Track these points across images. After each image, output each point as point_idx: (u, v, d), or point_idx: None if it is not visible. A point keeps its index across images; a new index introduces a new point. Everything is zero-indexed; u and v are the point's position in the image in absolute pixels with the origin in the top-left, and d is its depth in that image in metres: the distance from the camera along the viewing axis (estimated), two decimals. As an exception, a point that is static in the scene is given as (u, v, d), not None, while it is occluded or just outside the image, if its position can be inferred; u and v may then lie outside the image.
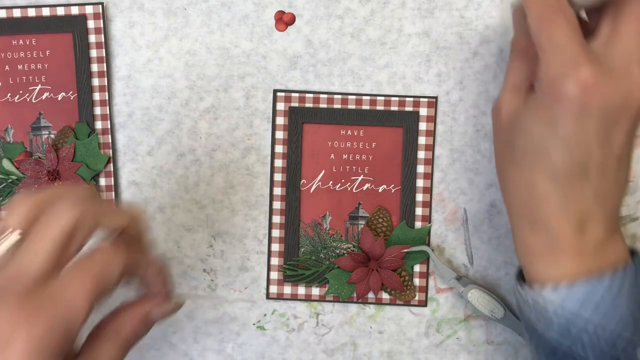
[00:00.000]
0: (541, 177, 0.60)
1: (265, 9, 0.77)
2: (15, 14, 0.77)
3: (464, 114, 0.77)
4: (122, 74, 0.78)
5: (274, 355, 0.78)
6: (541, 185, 0.60)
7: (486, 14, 0.77)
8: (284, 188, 0.77)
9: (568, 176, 0.58)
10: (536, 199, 0.60)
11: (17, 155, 0.77)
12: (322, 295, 0.77)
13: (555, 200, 0.59)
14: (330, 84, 0.77)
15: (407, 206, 0.77)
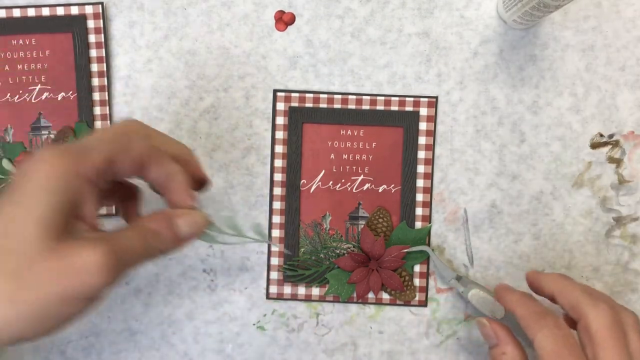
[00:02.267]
0: None
1: (265, 9, 0.77)
2: (15, 14, 0.77)
3: (464, 114, 0.77)
4: (122, 74, 0.78)
5: (274, 355, 0.78)
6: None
7: (486, 14, 0.77)
8: (284, 188, 0.77)
9: None
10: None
11: (17, 155, 0.77)
12: (322, 295, 0.77)
13: None
14: (330, 84, 0.77)
15: (407, 206, 0.77)
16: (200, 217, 0.60)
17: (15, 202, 0.49)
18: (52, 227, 0.48)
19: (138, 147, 0.55)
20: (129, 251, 0.53)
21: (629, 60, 0.77)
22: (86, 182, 0.51)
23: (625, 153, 0.77)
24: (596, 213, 0.77)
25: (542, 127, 0.77)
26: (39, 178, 0.49)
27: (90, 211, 0.52)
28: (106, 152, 0.53)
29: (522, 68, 0.77)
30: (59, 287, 0.48)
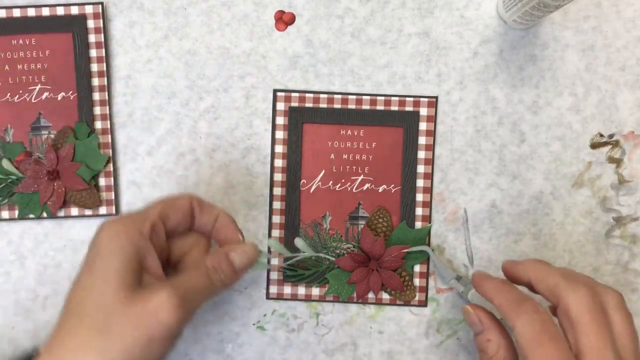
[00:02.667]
0: None
1: (265, 9, 0.77)
2: (15, 14, 0.77)
3: (464, 114, 0.77)
4: (122, 73, 0.78)
5: (274, 355, 0.78)
6: None
7: (486, 14, 0.77)
8: (284, 188, 0.77)
9: None
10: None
11: (17, 155, 0.77)
12: (322, 295, 0.77)
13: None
14: (330, 84, 0.77)
15: (407, 206, 0.77)
16: (250, 248, 0.66)
17: (92, 269, 0.58)
18: (126, 283, 0.57)
19: (184, 200, 0.66)
20: (194, 289, 0.60)
21: (629, 60, 0.77)
22: (146, 240, 0.60)
23: (625, 153, 0.77)
24: (596, 213, 0.77)
25: (542, 127, 0.77)
26: (107, 245, 0.58)
27: (154, 264, 0.61)
28: (158, 209, 0.63)
29: (522, 68, 0.77)
30: (141, 332, 0.55)
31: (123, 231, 0.59)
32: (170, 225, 0.64)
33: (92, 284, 0.58)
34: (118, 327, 0.55)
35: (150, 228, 0.61)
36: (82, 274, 0.59)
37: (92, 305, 0.57)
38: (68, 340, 0.56)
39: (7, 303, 0.78)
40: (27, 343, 0.78)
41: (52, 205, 0.76)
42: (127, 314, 0.55)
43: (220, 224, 0.68)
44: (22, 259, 0.78)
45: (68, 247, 0.78)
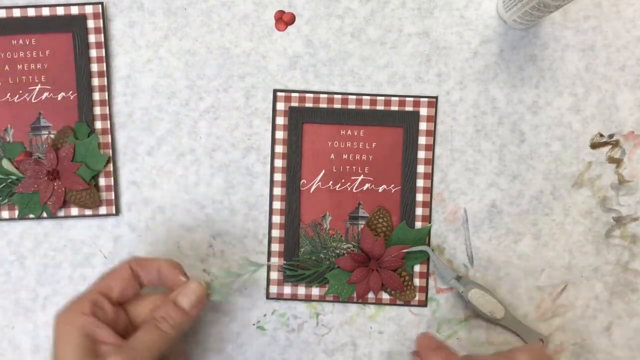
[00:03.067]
0: None
1: (265, 9, 0.77)
2: (15, 14, 0.77)
3: (464, 114, 0.77)
4: (122, 73, 0.78)
5: (274, 355, 0.78)
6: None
7: (486, 14, 0.77)
8: (284, 188, 0.77)
9: None
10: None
11: (17, 155, 0.77)
12: (322, 295, 0.77)
13: None
14: (330, 84, 0.77)
15: (407, 206, 0.77)
16: (194, 285, 0.69)
17: (53, 357, 0.63)
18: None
19: (122, 267, 0.68)
20: (146, 344, 0.64)
21: (629, 60, 0.77)
22: (89, 317, 0.64)
23: (625, 153, 0.77)
24: (596, 213, 0.77)
25: (542, 127, 0.77)
26: (58, 334, 0.64)
27: (106, 334, 0.64)
28: (97, 286, 0.67)
29: (522, 68, 0.77)
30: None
31: (67, 318, 0.64)
32: (117, 294, 0.68)
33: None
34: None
35: (90, 306, 0.65)
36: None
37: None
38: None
39: (7, 303, 0.78)
40: (27, 343, 0.78)
41: (52, 205, 0.76)
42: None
43: (164, 274, 0.70)
44: (22, 259, 0.78)
45: (68, 247, 0.78)
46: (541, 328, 0.77)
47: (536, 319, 0.77)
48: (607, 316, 0.77)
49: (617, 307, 0.77)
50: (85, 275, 0.78)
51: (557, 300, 0.77)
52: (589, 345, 0.77)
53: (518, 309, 0.77)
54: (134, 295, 0.70)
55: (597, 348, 0.77)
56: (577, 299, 0.77)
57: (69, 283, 0.78)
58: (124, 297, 0.68)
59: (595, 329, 0.77)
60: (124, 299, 0.68)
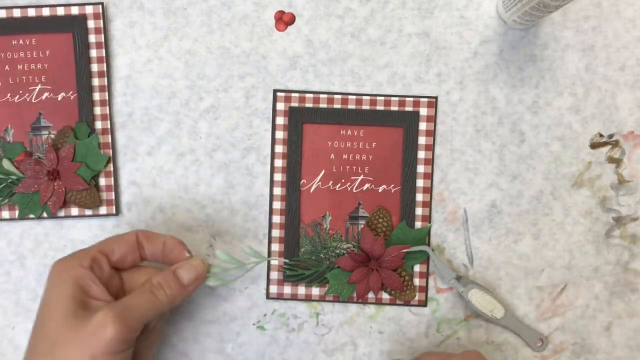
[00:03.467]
0: None
1: (265, 9, 0.77)
2: (15, 14, 0.77)
3: (464, 114, 0.77)
4: (122, 74, 0.78)
5: (274, 355, 0.78)
6: None
7: (486, 14, 0.77)
8: (284, 188, 0.77)
9: None
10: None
11: (17, 155, 0.77)
12: (322, 295, 0.77)
13: None
14: (330, 84, 0.77)
15: (407, 206, 0.77)
16: (197, 262, 0.69)
17: (42, 305, 0.64)
18: (69, 310, 0.62)
19: (129, 235, 0.70)
20: (136, 305, 0.64)
21: (629, 60, 0.77)
22: (86, 271, 0.65)
23: (625, 153, 0.77)
24: (596, 213, 0.77)
25: (542, 127, 0.77)
26: (51, 281, 0.65)
27: (99, 290, 0.65)
28: (101, 245, 0.68)
29: (522, 68, 0.77)
30: (82, 351, 0.60)
31: (64, 266, 0.65)
32: (117, 258, 0.69)
33: (41, 317, 0.64)
34: (61, 352, 0.61)
35: (90, 260, 0.66)
36: (38, 310, 0.65)
37: (40, 337, 0.63)
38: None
39: (7, 303, 0.79)
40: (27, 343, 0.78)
41: (52, 205, 0.76)
42: (70, 338, 0.61)
43: (168, 249, 0.70)
44: (22, 259, 0.78)
45: (68, 247, 0.78)
46: (541, 328, 0.77)
47: (536, 319, 0.77)
48: (607, 316, 0.77)
49: (617, 307, 0.77)
50: (85, 275, 0.78)
51: (557, 300, 0.77)
52: (589, 345, 0.77)
53: (518, 309, 0.77)
54: (132, 265, 0.71)
55: (597, 348, 0.77)
56: (577, 298, 0.77)
57: (69, 283, 0.78)
58: (123, 263, 0.69)
59: (595, 329, 0.77)
60: (122, 265, 0.69)
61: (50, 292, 0.64)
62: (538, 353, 0.77)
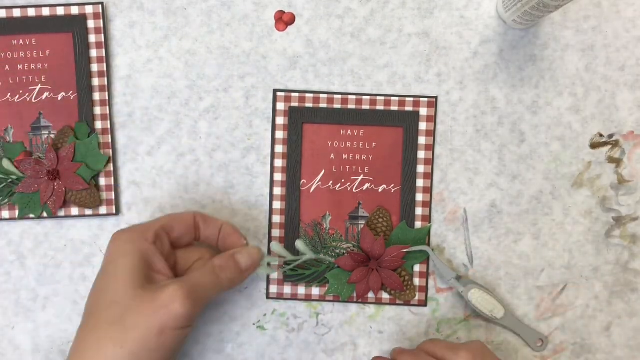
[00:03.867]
0: None
1: (265, 9, 0.77)
2: (15, 14, 0.77)
3: (464, 114, 0.77)
4: (122, 74, 0.78)
5: (274, 355, 0.78)
6: None
7: (486, 14, 0.77)
8: (284, 188, 0.77)
9: None
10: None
11: (17, 155, 0.77)
12: (323, 295, 0.77)
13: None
14: (330, 84, 0.77)
15: (407, 206, 0.77)
16: (254, 250, 0.72)
17: (105, 273, 0.66)
18: (136, 281, 0.64)
19: (188, 215, 0.72)
20: (202, 284, 0.66)
21: (629, 60, 0.77)
22: (150, 245, 0.67)
23: (625, 153, 0.77)
24: (596, 213, 0.77)
25: (542, 127, 0.77)
26: (117, 251, 0.66)
27: (162, 265, 0.67)
28: (162, 221, 0.70)
29: (522, 68, 0.77)
30: (154, 323, 0.62)
31: (129, 238, 0.67)
32: (175, 236, 0.71)
33: (105, 285, 0.65)
34: (132, 320, 0.62)
35: (153, 235, 0.68)
36: (97, 279, 0.67)
37: (107, 304, 0.64)
38: (89, 337, 0.63)
39: (7, 303, 0.79)
40: (27, 343, 0.78)
41: (52, 205, 0.76)
42: (140, 308, 0.62)
43: (225, 234, 0.73)
44: (22, 259, 0.78)
45: (68, 247, 0.78)
46: (541, 328, 0.77)
47: (536, 319, 0.77)
48: (607, 316, 0.77)
49: (617, 307, 0.77)
50: (85, 275, 0.78)
51: (557, 300, 0.77)
52: (588, 345, 0.77)
53: (518, 309, 0.77)
54: (187, 245, 0.73)
55: (597, 348, 0.77)
56: (577, 298, 0.77)
57: (69, 283, 0.78)
58: (179, 242, 0.72)
59: (595, 329, 0.77)
60: (178, 243, 0.72)
61: (116, 262, 0.66)
62: (538, 353, 0.77)
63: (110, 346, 0.61)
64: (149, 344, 0.62)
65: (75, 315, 0.78)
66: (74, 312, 0.78)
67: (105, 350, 0.61)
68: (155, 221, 0.70)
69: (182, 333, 0.64)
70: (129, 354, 0.61)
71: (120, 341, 0.61)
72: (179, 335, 0.64)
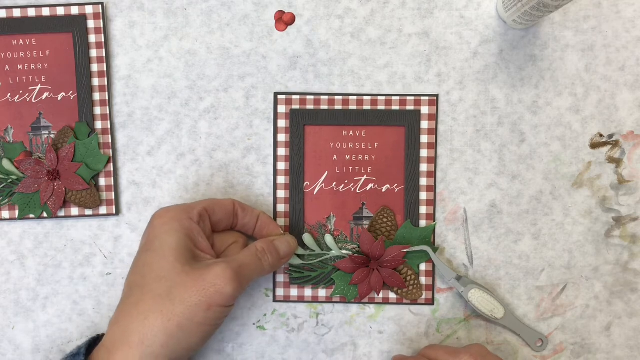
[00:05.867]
0: None
1: (265, 9, 0.77)
2: (15, 14, 0.77)
3: (464, 114, 0.77)
4: (122, 74, 0.78)
5: (274, 355, 0.78)
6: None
7: (486, 14, 0.77)
8: (288, 191, 0.77)
9: None
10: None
11: (17, 155, 0.77)
12: (329, 297, 0.77)
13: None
14: (330, 84, 0.77)
15: (411, 205, 0.77)
16: (291, 239, 0.74)
17: (150, 248, 0.68)
18: (182, 257, 0.66)
19: (228, 201, 0.74)
20: (246, 266, 0.68)
21: (629, 60, 0.77)
22: (195, 224, 0.69)
23: (624, 153, 0.77)
24: (596, 213, 0.77)
25: (542, 127, 0.77)
26: (162, 228, 0.68)
27: (205, 244, 0.70)
28: (205, 203, 0.72)
29: (522, 68, 0.77)
30: (201, 299, 0.64)
31: (174, 216, 0.68)
32: (215, 219, 0.72)
33: (151, 260, 0.67)
34: (180, 294, 0.64)
35: (198, 215, 0.70)
36: (141, 253, 0.69)
37: (154, 277, 0.66)
38: (134, 309, 0.65)
39: (7, 303, 0.78)
40: (27, 343, 0.78)
41: (53, 205, 0.76)
42: (187, 284, 0.65)
43: (262, 223, 0.75)
44: (23, 259, 0.78)
45: (68, 247, 0.78)
46: (541, 328, 0.77)
47: (536, 319, 0.77)
48: (607, 316, 0.77)
49: (617, 307, 0.77)
50: (85, 275, 0.78)
51: (557, 300, 0.77)
52: (588, 345, 0.77)
53: (518, 309, 0.77)
54: (224, 230, 0.75)
55: (597, 348, 0.77)
56: (577, 298, 0.77)
57: (69, 283, 0.78)
58: (218, 226, 0.73)
59: (595, 329, 0.77)
60: (216, 227, 0.73)
61: (161, 238, 0.67)
62: (538, 353, 0.77)
63: (158, 318, 0.63)
64: (196, 318, 0.64)
65: (76, 315, 0.78)
66: (74, 312, 0.78)
67: (153, 322, 0.63)
68: (199, 203, 0.71)
69: (227, 310, 0.67)
70: (176, 326, 0.63)
71: (168, 314, 0.63)
72: (224, 311, 0.66)
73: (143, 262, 0.67)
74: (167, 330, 0.63)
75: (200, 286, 0.64)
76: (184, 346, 0.65)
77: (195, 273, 0.65)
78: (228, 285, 0.65)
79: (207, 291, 0.64)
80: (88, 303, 0.78)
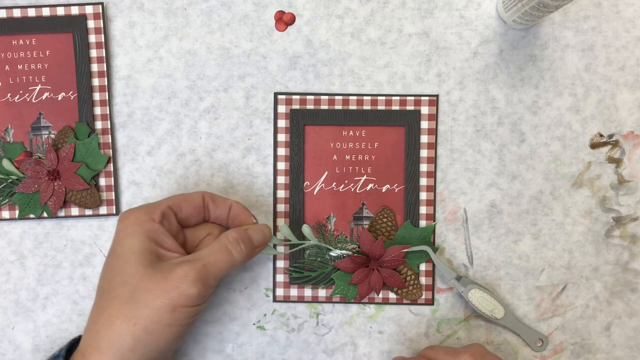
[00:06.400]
0: None
1: (265, 9, 0.77)
2: (15, 14, 0.77)
3: (464, 114, 0.77)
4: (122, 74, 0.78)
5: (274, 355, 0.78)
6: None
7: (486, 14, 0.77)
8: (288, 191, 0.77)
9: None
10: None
11: (17, 155, 0.77)
12: (329, 297, 0.77)
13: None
14: (330, 84, 0.77)
15: (411, 205, 0.77)
16: (265, 227, 0.73)
17: (114, 253, 0.68)
18: (146, 259, 0.66)
19: (196, 195, 0.72)
20: (213, 264, 0.67)
21: (629, 60, 0.77)
22: (157, 224, 0.68)
23: (624, 153, 0.77)
24: (596, 213, 0.77)
25: (542, 127, 0.77)
26: (124, 231, 0.68)
27: (171, 244, 0.69)
28: (170, 201, 0.71)
29: (522, 68, 0.77)
30: (165, 301, 0.64)
31: (136, 219, 0.68)
32: (183, 215, 0.71)
33: (116, 265, 0.67)
34: (143, 298, 0.64)
35: (160, 215, 0.69)
36: (107, 258, 0.69)
37: (118, 282, 0.66)
38: (101, 316, 0.65)
39: (7, 303, 0.78)
40: (27, 343, 0.78)
41: (53, 205, 0.76)
42: (150, 287, 0.64)
43: (234, 213, 0.73)
44: (23, 259, 0.78)
45: (68, 247, 0.78)
46: (541, 328, 0.77)
47: (536, 319, 0.77)
48: (607, 316, 0.77)
49: (617, 306, 0.77)
50: (85, 275, 0.78)
51: (557, 300, 0.77)
52: (588, 345, 0.77)
53: (518, 309, 0.77)
54: (195, 224, 0.74)
55: (597, 348, 0.78)
56: (577, 298, 0.77)
57: (69, 283, 0.78)
58: (187, 221, 0.73)
59: (595, 329, 0.77)
60: (186, 223, 0.73)
61: (124, 243, 0.67)
62: (538, 353, 0.77)
63: (124, 323, 0.63)
64: (163, 321, 0.64)
65: (76, 315, 0.78)
66: (74, 312, 0.78)
67: (119, 327, 0.63)
68: (163, 201, 0.71)
69: (195, 310, 0.66)
70: (142, 330, 0.63)
71: (133, 318, 0.63)
72: (191, 311, 0.66)
73: (109, 267, 0.68)
74: (134, 334, 0.63)
75: (164, 288, 0.64)
76: (154, 348, 0.65)
77: (158, 275, 0.65)
78: (192, 287, 0.64)
79: (171, 294, 0.64)
80: (88, 303, 0.78)
